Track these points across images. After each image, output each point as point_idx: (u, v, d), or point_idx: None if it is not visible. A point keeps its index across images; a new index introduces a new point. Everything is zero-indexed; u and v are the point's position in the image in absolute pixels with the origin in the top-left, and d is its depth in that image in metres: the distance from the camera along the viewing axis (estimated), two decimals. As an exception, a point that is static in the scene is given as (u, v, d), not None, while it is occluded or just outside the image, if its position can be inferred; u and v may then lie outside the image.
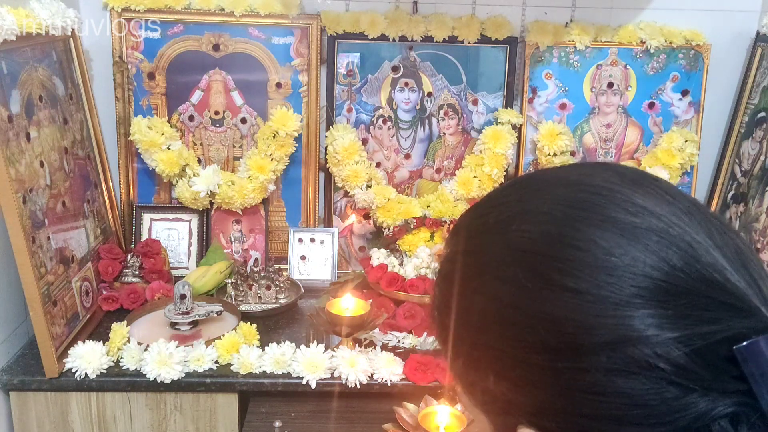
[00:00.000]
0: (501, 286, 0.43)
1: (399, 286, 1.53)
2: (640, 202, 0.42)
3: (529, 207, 0.45)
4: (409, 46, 1.77)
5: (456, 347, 0.47)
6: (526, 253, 0.43)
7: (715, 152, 1.87)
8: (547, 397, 0.41)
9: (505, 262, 0.43)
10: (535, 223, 0.43)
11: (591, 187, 0.44)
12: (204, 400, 1.38)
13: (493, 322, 0.43)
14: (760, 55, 1.76)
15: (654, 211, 0.42)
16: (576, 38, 1.76)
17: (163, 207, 1.80)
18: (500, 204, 0.47)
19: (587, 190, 0.44)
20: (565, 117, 1.82)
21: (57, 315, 1.36)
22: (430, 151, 1.84)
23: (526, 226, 0.44)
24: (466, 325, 0.46)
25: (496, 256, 0.44)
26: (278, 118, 1.70)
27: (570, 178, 0.46)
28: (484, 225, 0.47)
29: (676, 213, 0.42)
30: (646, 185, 0.44)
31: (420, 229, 1.67)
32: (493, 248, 0.45)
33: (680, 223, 0.41)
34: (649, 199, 0.43)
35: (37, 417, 1.37)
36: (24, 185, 1.29)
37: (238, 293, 1.64)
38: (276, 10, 1.71)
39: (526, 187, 0.48)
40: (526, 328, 0.41)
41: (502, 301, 0.43)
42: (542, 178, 0.48)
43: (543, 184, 0.47)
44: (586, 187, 0.44)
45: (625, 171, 0.46)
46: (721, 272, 0.40)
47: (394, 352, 1.41)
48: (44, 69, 1.46)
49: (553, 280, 0.41)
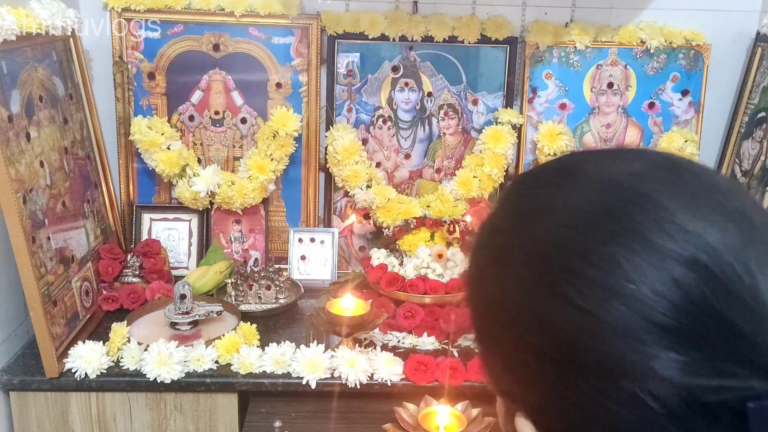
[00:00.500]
0: (513, 281, 0.41)
1: (399, 286, 1.53)
2: (683, 222, 0.36)
3: (557, 202, 0.41)
4: (409, 46, 1.77)
5: (474, 323, 0.46)
6: (543, 256, 0.40)
7: (715, 152, 1.87)
8: (541, 398, 0.41)
9: (522, 258, 0.41)
10: (559, 224, 0.40)
11: (630, 193, 0.38)
12: (204, 400, 1.38)
13: (499, 315, 0.42)
14: (760, 55, 1.76)
15: (698, 235, 0.36)
16: (576, 38, 1.76)
17: (163, 207, 1.80)
18: (542, 186, 0.44)
19: (624, 197, 0.38)
20: (565, 117, 1.82)
21: (57, 315, 1.36)
22: (430, 151, 1.84)
23: (549, 225, 0.40)
24: (478, 309, 0.45)
25: (518, 248, 0.42)
26: (278, 118, 1.70)
27: (608, 173, 0.41)
28: (519, 208, 0.44)
29: (728, 240, 0.36)
30: (701, 195, 0.38)
31: (420, 229, 1.67)
32: (518, 238, 0.42)
33: (728, 253, 0.35)
34: (698, 216, 0.37)
35: (37, 417, 1.37)
36: (24, 185, 1.29)
37: (238, 293, 1.64)
38: (276, 10, 1.71)
39: (567, 173, 0.43)
40: (528, 330, 0.40)
41: (511, 297, 0.41)
42: (583, 166, 0.43)
43: (581, 173, 0.42)
44: (625, 191, 0.38)
45: (682, 171, 0.40)
46: (756, 322, 0.35)
47: (394, 352, 1.41)
48: (44, 69, 1.46)
49: (561, 292, 0.38)
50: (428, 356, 1.38)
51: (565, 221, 0.39)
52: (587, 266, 0.37)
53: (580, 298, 0.37)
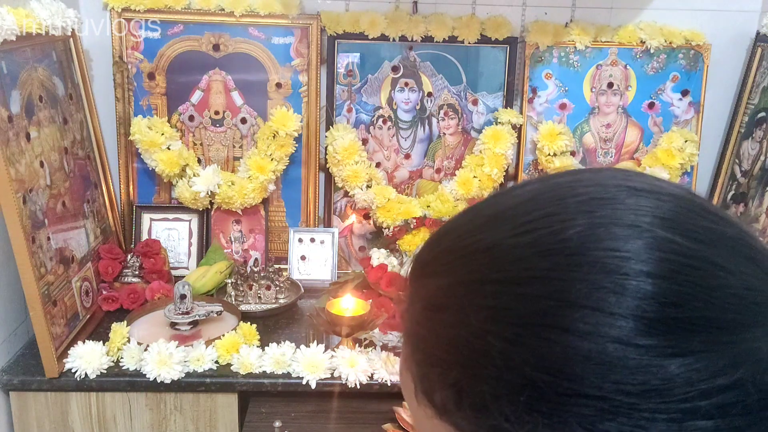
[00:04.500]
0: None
1: (399, 286, 1.53)
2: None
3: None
4: (409, 46, 1.77)
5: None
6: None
7: (715, 152, 1.87)
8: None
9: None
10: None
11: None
12: (204, 400, 1.38)
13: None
14: (760, 55, 1.76)
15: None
16: (576, 38, 1.76)
17: (163, 207, 1.80)
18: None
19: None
20: (565, 117, 1.82)
21: (57, 315, 1.36)
22: (430, 151, 1.84)
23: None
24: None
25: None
26: (278, 118, 1.70)
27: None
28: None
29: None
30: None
31: (420, 229, 1.67)
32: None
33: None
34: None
35: (37, 417, 1.37)
36: (24, 185, 1.29)
37: (238, 293, 1.64)
38: (276, 10, 1.71)
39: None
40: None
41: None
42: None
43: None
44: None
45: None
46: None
47: (394, 352, 1.41)
48: (44, 69, 1.46)
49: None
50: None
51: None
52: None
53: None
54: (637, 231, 0.34)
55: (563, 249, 0.34)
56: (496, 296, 0.35)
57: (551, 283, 0.33)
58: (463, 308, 0.36)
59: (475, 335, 0.35)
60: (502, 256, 0.36)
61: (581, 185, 0.37)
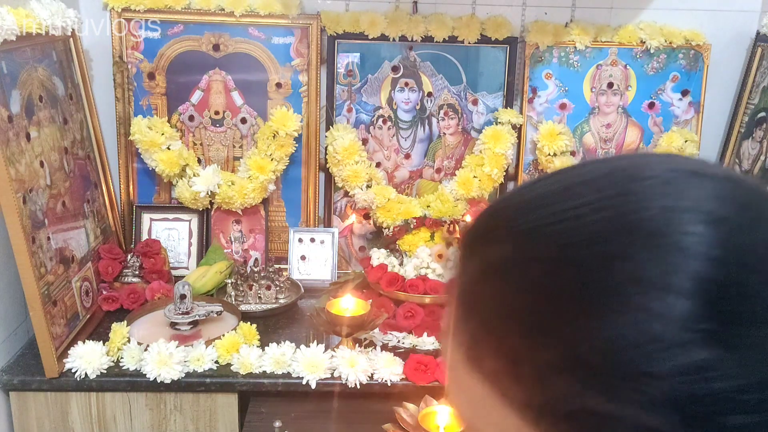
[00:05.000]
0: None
1: (399, 286, 1.53)
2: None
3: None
4: (409, 46, 1.77)
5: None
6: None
7: (715, 152, 1.87)
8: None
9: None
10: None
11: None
12: (204, 400, 1.38)
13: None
14: (760, 55, 1.76)
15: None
16: (576, 38, 1.76)
17: (163, 207, 1.80)
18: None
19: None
20: (565, 117, 1.82)
21: (57, 315, 1.36)
22: (430, 151, 1.84)
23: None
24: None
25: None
26: (278, 118, 1.70)
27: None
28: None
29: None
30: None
31: (420, 229, 1.67)
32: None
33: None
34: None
35: (37, 417, 1.37)
36: (24, 185, 1.29)
37: (238, 293, 1.64)
38: (276, 10, 1.71)
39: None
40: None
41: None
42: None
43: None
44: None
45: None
46: None
47: (394, 352, 1.41)
48: (44, 69, 1.46)
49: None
50: (428, 356, 1.38)
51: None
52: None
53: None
54: (710, 217, 0.34)
55: (639, 229, 0.34)
56: (567, 270, 0.35)
57: (625, 261, 0.33)
58: (531, 278, 0.35)
59: (541, 307, 0.35)
60: (573, 231, 0.35)
61: (649, 168, 0.37)
